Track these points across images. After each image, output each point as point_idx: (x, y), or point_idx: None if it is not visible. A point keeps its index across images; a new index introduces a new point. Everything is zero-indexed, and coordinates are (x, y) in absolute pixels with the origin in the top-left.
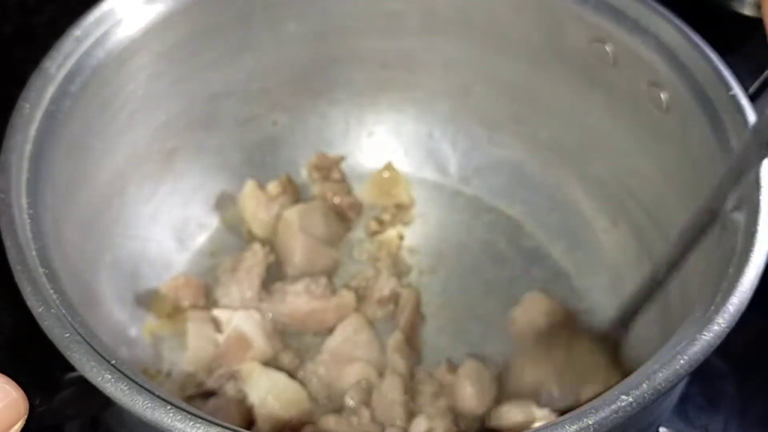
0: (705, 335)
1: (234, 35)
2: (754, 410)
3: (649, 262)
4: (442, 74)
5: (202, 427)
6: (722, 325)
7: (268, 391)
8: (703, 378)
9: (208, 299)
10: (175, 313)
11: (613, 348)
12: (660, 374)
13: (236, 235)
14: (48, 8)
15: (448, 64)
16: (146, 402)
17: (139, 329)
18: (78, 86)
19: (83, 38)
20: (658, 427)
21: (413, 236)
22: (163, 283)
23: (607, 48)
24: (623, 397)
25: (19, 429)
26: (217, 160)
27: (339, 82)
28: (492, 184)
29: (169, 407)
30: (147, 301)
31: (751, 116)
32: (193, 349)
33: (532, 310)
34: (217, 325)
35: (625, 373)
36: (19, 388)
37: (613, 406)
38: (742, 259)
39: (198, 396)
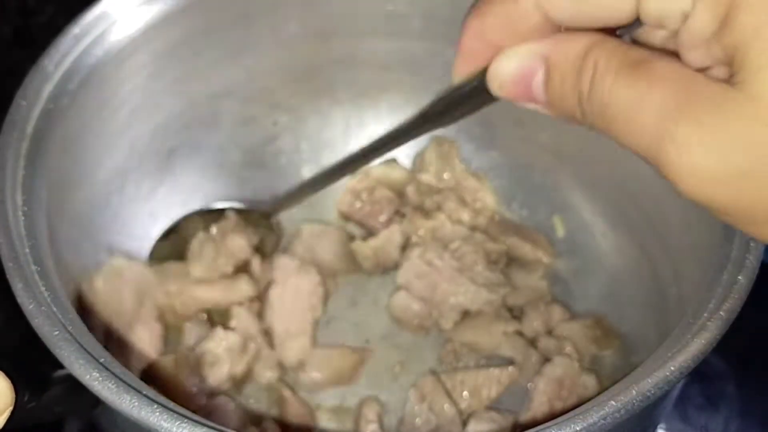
0: (696, 342)
1: (234, 35)
2: (754, 410)
3: (648, 266)
4: (442, 76)
5: (188, 427)
6: (714, 332)
7: None
8: (703, 378)
9: None
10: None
11: None
12: (649, 381)
13: None
14: (47, 9)
15: (449, 66)
16: (133, 401)
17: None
18: (76, 84)
19: (82, 36)
20: (656, 428)
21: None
22: None
23: None
24: (612, 403)
25: (5, 419)
26: (217, 160)
27: (339, 83)
28: (492, 186)
29: (155, 406)
30: None
31: None
32: None
33: None
34: None
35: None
36: (6, 377)
37: (602, 412)
38: (736, 266)
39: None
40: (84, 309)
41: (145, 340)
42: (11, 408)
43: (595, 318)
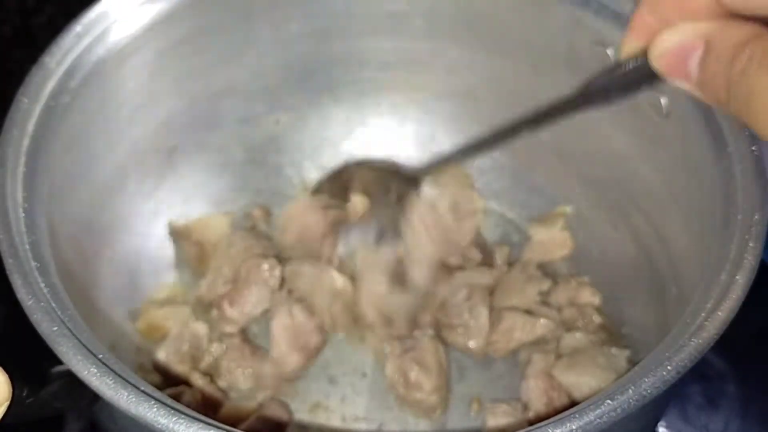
0: (693, 342)
1: (236, 33)
2: (754, 410)
3: (648, 266)
4: (444, 76)
5: (185, 422)
6: (712, 332)
7: None
8: (703, 378)
9: None
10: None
11: None
12: (646, 380)
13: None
14: (47, 9)
15: (451, 66)
16: (131, 396)
17: (136, 325)
18: (78, 82)
19: (84, 34)
20: (655, 427)
21: None
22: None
23: (609, 52)
24: (608, 402)
25: (3, 412)
26: (219, 158)
27: (341, 82)
28: (493, 187)
29: (153, 402)
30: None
31: None
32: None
33: None
34: None
35: None
36: (3, 371)
37: (598, 411)
38: (735, 266)
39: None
40: None
41: None
42: (8, 402)
43: (598, 323)
